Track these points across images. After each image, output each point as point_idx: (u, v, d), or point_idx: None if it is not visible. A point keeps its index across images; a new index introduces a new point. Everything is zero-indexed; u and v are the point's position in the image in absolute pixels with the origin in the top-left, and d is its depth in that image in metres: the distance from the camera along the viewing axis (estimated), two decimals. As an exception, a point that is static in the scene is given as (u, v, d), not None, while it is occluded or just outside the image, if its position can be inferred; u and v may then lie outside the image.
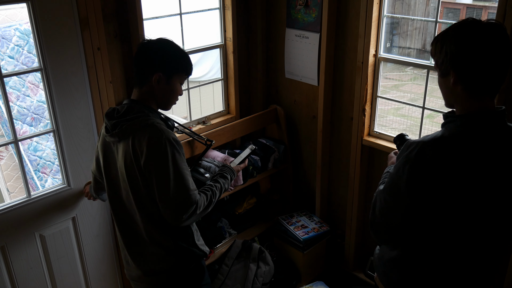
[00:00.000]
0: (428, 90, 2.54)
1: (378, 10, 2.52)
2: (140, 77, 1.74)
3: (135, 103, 1.73)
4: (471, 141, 1.31)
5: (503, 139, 1.33)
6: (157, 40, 1.78)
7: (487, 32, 1.25)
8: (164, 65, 1.72)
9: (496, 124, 1.33)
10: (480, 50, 1.25)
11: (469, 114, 1.32)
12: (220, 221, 3.10)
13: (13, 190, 3.60)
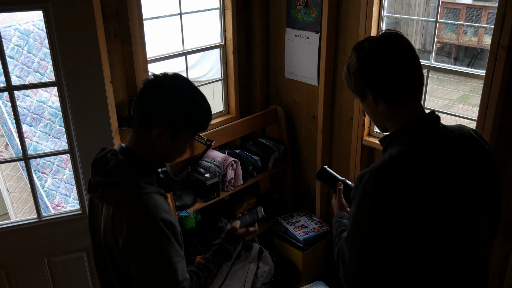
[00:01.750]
0: (428, 90, 2.54)
1: (378, 10, 2.52)
2: (138, 125, 1.34)
3: (127, 155, 1.33)
4: (421, 152, 1.26)
5: (449, 139, 1.29)
6: (167, 79, 1.33)
7: (384, 42, 1.26)
8: (170, 119, 1.29)
9: (435, 125, 1.30)
10: (383, 59, 1.25)
11: (405, 125, 1.28)
12: (220, 221, 3.10)
13: (12, 190, 3.60)
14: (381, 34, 1.29)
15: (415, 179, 1.23)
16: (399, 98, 1.27)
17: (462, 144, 1.31)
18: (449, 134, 1.30)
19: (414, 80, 1.27)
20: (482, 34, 5.19)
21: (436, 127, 1.29)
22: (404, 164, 1.24)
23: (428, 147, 1.26)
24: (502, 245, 2.36)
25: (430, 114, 1.30)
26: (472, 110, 2.77)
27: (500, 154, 2.24)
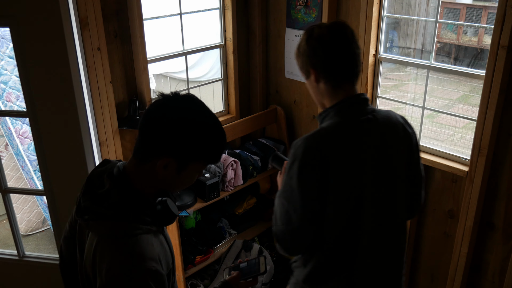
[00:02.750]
0: (428, 90, 2.54)
1: (378, 10, 2.52)
2: (140, 150, 1.17)
3: (123, 181, 1.17)
4: (348, 125, 1.42)
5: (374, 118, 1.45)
6: (178, 102, 1.14)
7: (331, 31, 1.41)
8: (179, 150, 1.12)
9: (363, 105, 1.46)
10: (326, 46, 1.40)
11: (337, 103, 1.45)
12: (220, 221, 3.11)
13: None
14: (331, 22, 1.45)
15: (339, 148, 1.39)
16: (336, 79, 1.43)
17: (385, 124, 1.47)
18: (375, 114, 1.46)
19: (350, 66, 1.43)
20: (482, 34, 5.19)
21: (364, 106, 1.46)
22: (330, 134, 1.41)
23: (354, 122, 1.43)
24: (502, 245, 2.36)
25: (360, 95, 1.46)
26: (472, 110, 2.77)
27: (500, 154, 2.24)
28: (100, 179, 1.20)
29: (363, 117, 1.43)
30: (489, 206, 2.35)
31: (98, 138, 2.47)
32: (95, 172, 1.23)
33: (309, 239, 1.44)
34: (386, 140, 1.46)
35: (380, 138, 1.45)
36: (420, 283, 2.84)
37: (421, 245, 2.75)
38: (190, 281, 2.88)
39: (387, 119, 1.48)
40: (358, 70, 1.46)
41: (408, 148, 1.52)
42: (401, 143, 1.50)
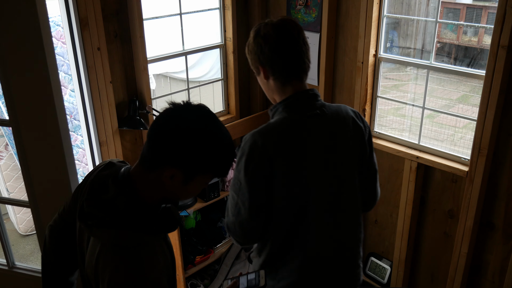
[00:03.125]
0: (428, 90, 2.54)
1: (378, 10, 2.52)
2: (147, 159, 1.14)
3: (129, 190, 1.14)
4: (294, 120, 1.46)
5: (322, 113, 1.49)
6: (189, 112, 1.13)
7: (277, 29, 1.43)
8: (187, 161, 1.11)
9: (312, 100, 1.49)
10: (273, 44, 1.42)
11: (287, 98, 1.48)
12: (220, 221, 3.10)
13: (12, 190, 3.60)
14: (277, 20, 1.46)
15: (283, 143, 1.43)
16: (283, 76, 1.46)
17: (334, 119, 1.51)
18: (324, 109, 1.49)
19: (297, 63, 1.46)
20: (482, 34, 5.19)
21: (312, 101, 1.49)
22: (276, 130, 1.44)
23: (300, 117, 1.46)
24: (502, 245, 2.36)
25: (308, 91, 1.49)
26: (472, 110, 2.77)
27: (500, 154, 2.24)
28: (104, 183, 1.17)
29: (310, 113, 1.47)
30: (489, 206, 2.35)
31: (98, 138, 2.47)
32: (99, 176, 1.20)
33: (258, 230, 1.49)
34: (335, 134, 1.50)
35: (328, 133, 1.49)
36: (420, 283, 2.84)
37: (421, 245, 2.75)
38: (190, 281, 2.88)
39: (336, 113, 1.52)
40: (306, 67, 1.48)
41: (360, 142, 1.55)
42: (350, 137, 1.53)
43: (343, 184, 1.54)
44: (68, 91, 3.85)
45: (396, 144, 2.68)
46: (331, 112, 1.51)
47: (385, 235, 2.94)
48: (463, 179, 2.41)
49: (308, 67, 1.49)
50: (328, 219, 1.52)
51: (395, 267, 2.86)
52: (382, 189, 2.85)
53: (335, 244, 1.57)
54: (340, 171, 1.52)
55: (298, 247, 1.52)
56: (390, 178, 2.78)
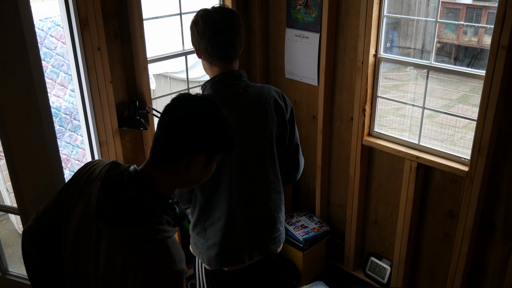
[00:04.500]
0: (428, 90, 2.54)
1: (378, 10, 2.52)
2: (168, 153, 1.18)
3: (148, 187, 1.17)
4: (219, 96, 1.67)
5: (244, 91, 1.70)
6: (194, 99, 1.21)
7: (202, 15, 1.65)
8: (209, 144, 1.19)
9: (236, 80, 1.70)
10: (199, 28, 1.64)
11: (214, 77, 1.70)
12: (220, 221, 3.10)
13: (12, 190, 3.60)
14: (210, 8, 1.67)
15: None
16: (210, 58, 1.68)
17: (255, 97, 1.71)
18: (247, 89, 1.71)
19: (221, 47, 1.65)
20: (482, 34, 5.19)
21: (236, 81, 1.70)
22: None
23: (222, 95, 1.67)
24: (502, 245, 2.36)
25: (233, 71, 1.69)
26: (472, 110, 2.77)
27: (500, 154, 2.24)
28: (117, 183, 1.17)
29: (234, 91, 1.69)
30: (489, 206, 2.35)
31: (98, 138, 2.47)
32: (110, 175, 1.19)
33: (185, 195, 1.76)
34: (253, 111, 1.70)
35: (247, 110, 1.69)
36: (420, 283, 2.84)
37: (421, 245, 2.75)
38: (190, 281, 2.88)
39: (258, 93, 1.72)
40: (230, 51, 1.67)
41: (280, 119, 1.75)
42: (270, 114, 1.72)
43: (263, 155, 1.74)
44: (68, 91, 3.86)
45: (396, 144, 2.69)
46: (253, 91, 1.72)
47: (385, 235, 2.94)
48: (463, 179, 2.41)
49: (233, 51, 1.68)
50: (242, 186, 1.73)
51: (395, 267, 2.86)
52: (382, 189, 2.85)
53: (250, 208, 1.78)
54: (255, 144, 1.72)
55: (220, 211, 1.74)
56: (390, 178, 2.78)
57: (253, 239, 1.83)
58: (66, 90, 3.83)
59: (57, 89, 3.81)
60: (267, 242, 1.88)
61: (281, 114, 1.76)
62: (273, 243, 1.92)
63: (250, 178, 1.76)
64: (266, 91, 1.75)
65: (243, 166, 1.73)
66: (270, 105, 1.73)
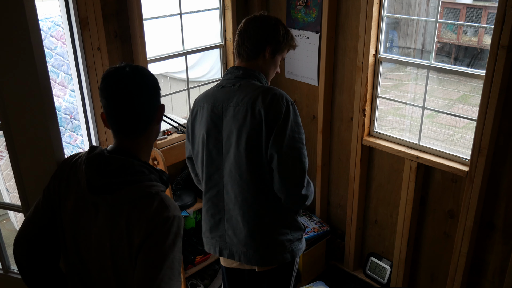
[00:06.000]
0: (428, 90, 2.54)
1: (378, 10, 2.52)
2: (133, 127, 1.29)
3: (128, 155, 1.27)
4: (211, 88, 1.86)
5: (231, 86, 1.76)
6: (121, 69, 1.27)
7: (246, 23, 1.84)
8: (159, 94, 1.33)
9: (235, 74, 1.78)
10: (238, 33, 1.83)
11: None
12: (220, 221, 3.10)
13: (12, 190, 3.60)
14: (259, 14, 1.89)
15: (197, 104, 1.85)
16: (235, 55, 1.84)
17: (238, 92, 1.72)
18: (237, 84, 1.74)
19: (236, 48, 1.81)
20: (482, 34, 5.19)
21: (234, 76, 1.77)
22: (203, 93, 1.86)
23: (216, 86, 1.82)
24: (502, 245, 2.36)
25: (234, 67, 1.79)
26: (472, 110, 2.77)
27: (500, 154, 2.24)
28: (100, 161, 1.25)
29: (224, 85, 1.78)
30: (489, 206, 2.35)
31: (98, 138, 2.47)
32: (90, 156, 1.27)
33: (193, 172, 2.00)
34: (226, 107, 1.73)
35: (223, 103, 1.74)
36: (420, 283, 2.84)
37: (421, 245, 2.75)
38: (190, 281, 2.88)
39: (244, 91, 1.72)
40: (241, 50, 1.79)
41: (256, 122, 1.67)
42: (243, 114, 1.69)
43: (226, 159, 1.76)
44: (68, 91, 3.86)
45: (396, 144, 2.69)
46: (240, 86, 1.74)
47: (385, 235, 2.94)
48: (463, 179, 2.41)
49: (243, 50, 1.78)
50: (230, 181, 1.78)
51: (395, 267, 2.86)
52: (382, 189, 2.85)
53: (237, 207, 1.78)
54: (224, 141, 1.74)
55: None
56: (390, 178, 2.78)
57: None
58: (66, 90, 3.83)
59: (57, 89, 3.81)
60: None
61: (255, 121, 1.67)
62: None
63: (228, 174, 1.78)
64: (250, 91, 1.71)
65: (209, 152, 1.80)
66: (247, 105, 1.68)
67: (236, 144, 1.70)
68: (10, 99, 1.51)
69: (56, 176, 1.35)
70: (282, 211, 1.81)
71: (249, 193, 1.74)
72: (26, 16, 1.38)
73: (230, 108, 1.72)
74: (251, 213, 1.77)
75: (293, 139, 1.75)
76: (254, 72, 1.77)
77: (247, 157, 1.69)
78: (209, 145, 1.78)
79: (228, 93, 1.74)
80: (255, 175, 1.72)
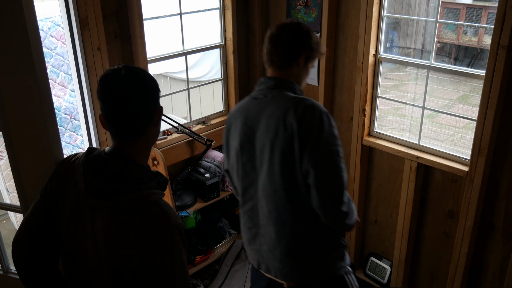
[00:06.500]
0: (428, 90, 2.54)
1: (378, 10, 2.52)
2: (131, 130, 1.25)
3: (129, 160, 1.24)
4: (245, 99, 1.78)
5: (263, 98, 1.70)
6: (117, 72, 1.22)
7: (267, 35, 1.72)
8: (158, 94, 1.30)
9: (267, 85, 1.72)
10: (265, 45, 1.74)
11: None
12: (220, 221, 3.10)
13: (12, 190, 3.60)
14: (283, 23, 1.74)
15: (232, 116, 1.77)
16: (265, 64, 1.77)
17: (270, 105, 1.65)
18: (269, 95, 1.67)
19: (267, 57, 1.73)
20: (482, 34, 5.19)
21: (266, 86, 1.71)
22: (237, 105, 1.79)
23: (249, 97, 1.75)
24: (502, 245, 2.36)
25: (266, 77, 1.73)
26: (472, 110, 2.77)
27: (500, 154, 2.24)
28: (99, 163, 1.23)
29: (256, 96, 1.72)
30: (489, 206, 2.35)
31: (98, 138, 2.47)
32: (89, 159, 1.25)
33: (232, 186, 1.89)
34: (260, 119, 1.66)
35: (255, 115, 1.67)
36: (420, 283, 2.84)
37: (421, 245, 2.75)
38: (190, 281, 2.88)
39: (275, 102, 1.65)
40: (276, 58, 1.70)
41: (288, 135, 1.58)
42: (275, 127, 1.61)
43: (260, 173, 1.69)
44: (68, 91, 3.86)
45: (396, 144, 2.69)
46: (272, 97, 1.67)
47: (385, 235, 2.94)
48: (463, 179, 2.41)
49: (277, 58, 1.69)
50: (263, 196, 1.71)
51: (395, 267, 2.86)
52: (382, 189, 2.84)
53: (270, 219, 1.71)
54: (257, 155, 1.68)
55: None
56: (390, 178, 2.78)
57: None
58: (66, 90, 3.83)
59: (57, 89, 3.81)
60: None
61: (288, 134, 1.59)
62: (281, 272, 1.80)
63: (247, 187, 1.76)
64: (283, 103, 1.63)
65: (240, 180, 1.77)
66: (281, 118, 1.60)
67: (269, 159, 1.63)
68: (9, 100, 1.51)
69: (53, 177, 1.33)
70: (319, 229, 1.70)
71: (283, 210, 1.66)
72: (25, 17, 1.39)
73: (262, 121, 1.65)
74: (286, 230, 1.68)
75: (329, 152, 1.59)
76: (288, 82, 1.69)
77: (281, 173, 1.61)
78: (243, 158, 1.71)
79: (261, 105, 1.67)
80: (290, 191, 1.63)
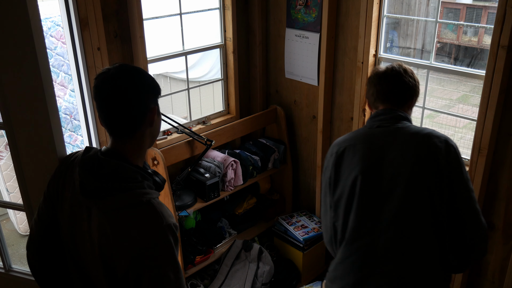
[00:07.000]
0: (428, 90, 2.54)
1: (378, 10, 2.52)
2: (126, 126, 1.24)
3: (124, 159, 1.24)
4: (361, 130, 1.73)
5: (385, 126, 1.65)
6: (116, 69, 1.23)
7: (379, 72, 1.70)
8: (155, 90, 1.28)
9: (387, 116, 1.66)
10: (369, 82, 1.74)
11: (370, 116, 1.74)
12: (220, 221, 3.10)
13: (12, 190, 3.60)
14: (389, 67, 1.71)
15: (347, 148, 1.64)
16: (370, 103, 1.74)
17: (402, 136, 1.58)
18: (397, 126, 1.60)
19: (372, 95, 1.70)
20: (482, 34, 5.19)
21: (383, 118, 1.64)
22: (349, 135, 1.70)
23: (365, 128, 1.68)
24: (502, 245, 2.36)
25: (386, 109, 1.66)
26: (472, 110, 2.77)
27: (500, 154, 2.24)
28: (93, 163, 1.23)
29: (379, 125, 1.63)
30: (489, 206, 2.35)
31: (98, 138, 2.47)
32: (85, 158, 1.26)
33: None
34: (389, 147, 1.57)
35: (384, 143, 1.59)
36: (420, 283, 2.84)
37: (421, 245, 2.75)
38: (190, 281, 2.88)
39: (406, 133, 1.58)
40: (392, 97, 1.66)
41: (431, 172, 1.50)
42: (411, 160, 1.52)
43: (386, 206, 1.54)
44: (68, 91, 3.85)
45: (396, 144, 2.68)
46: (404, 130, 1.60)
47: (385, 235, 2.93)
48: (463, 179, 2.41)
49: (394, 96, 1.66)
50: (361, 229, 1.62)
51: (395, 267, 2.85)
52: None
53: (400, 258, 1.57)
54: (386, 187, 1.54)
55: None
56: (390, 178, 2.77)
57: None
58: (66, 90, 3.83)
59: (57, 89, 3.81)
60: None
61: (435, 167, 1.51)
62: None
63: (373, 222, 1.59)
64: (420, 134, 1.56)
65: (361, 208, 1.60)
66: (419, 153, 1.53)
67: (404, 190, 1.52)
68: (13, 98, 1.52)
69: (54, 177, 1.35)
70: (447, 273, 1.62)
71: (416, 249, 1.54)
72: (29, 16, 1.40)
73: (393, 150, 1.56)
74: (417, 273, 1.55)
75: (470, 189, 1.53)
76: (407, 114, 1.67)
77: (419, 207, 1.51)
78: (364, 187, 1.57)
79: (389, 134, 1.60)
80: (425, 229, 1.52)
